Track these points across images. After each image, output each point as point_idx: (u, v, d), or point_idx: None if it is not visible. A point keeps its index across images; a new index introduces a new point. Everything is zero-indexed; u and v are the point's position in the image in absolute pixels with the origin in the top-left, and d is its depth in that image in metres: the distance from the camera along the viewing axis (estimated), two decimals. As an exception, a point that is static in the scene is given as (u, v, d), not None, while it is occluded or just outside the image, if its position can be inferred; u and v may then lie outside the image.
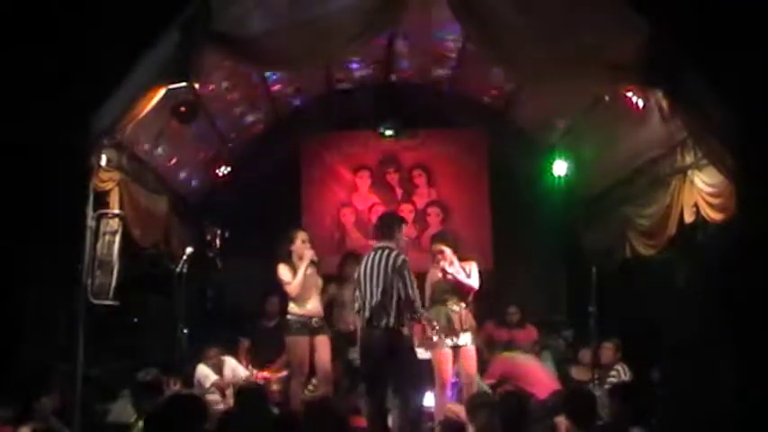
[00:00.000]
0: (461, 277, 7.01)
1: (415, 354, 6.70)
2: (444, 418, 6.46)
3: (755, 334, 5.62)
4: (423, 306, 6.70)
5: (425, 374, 6.87)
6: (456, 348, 7.00)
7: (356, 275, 6.66)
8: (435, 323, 6.80)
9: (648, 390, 7.16)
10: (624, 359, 7.84)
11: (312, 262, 7.33)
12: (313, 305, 7.35)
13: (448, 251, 7.05)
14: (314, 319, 7.30)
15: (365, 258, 6.60)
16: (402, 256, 6.48)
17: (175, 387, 6.97)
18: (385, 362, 6.36)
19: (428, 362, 7.00)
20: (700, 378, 6.57)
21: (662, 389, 7.36)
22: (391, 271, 6.36)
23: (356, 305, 6.65)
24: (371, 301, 6.37)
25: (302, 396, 7.32)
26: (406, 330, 6.48)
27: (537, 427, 6.14)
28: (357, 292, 6.60)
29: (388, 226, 6.76)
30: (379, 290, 6.35)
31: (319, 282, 7.49)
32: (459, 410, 6.51)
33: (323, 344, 7.30)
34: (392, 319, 6.32)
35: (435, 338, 6.81)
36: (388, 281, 6.35)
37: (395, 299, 6.34)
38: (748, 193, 5.74)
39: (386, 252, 6.48)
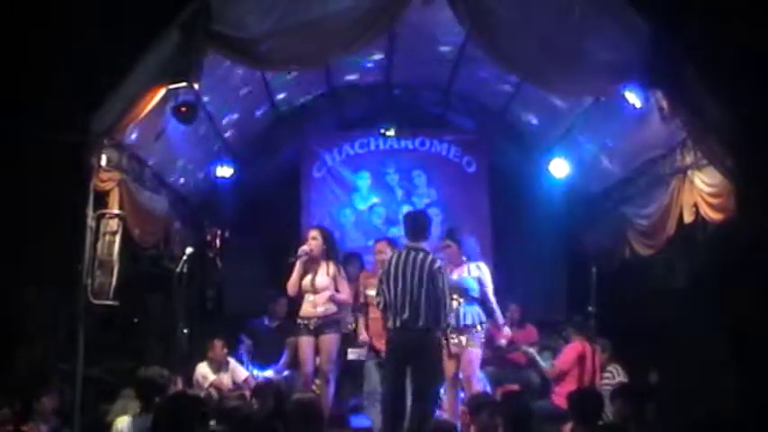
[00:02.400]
0: (487, 299, 7.14)
1: (441, 354, 6.69)
2: (436, 421, 6.47)
3: (755, 334, 5.63)
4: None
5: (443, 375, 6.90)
6: (461, 347, 7.02)
7: (384, 272, 6.56)
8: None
9: (647, 390, 7.16)
10: (620, 360, 7.83)
11: (305, 257, 7.27)
12: (311, 306, 7.28)
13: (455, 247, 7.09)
14: (313, 320, 7.24)
15: (395, 257, 6.53)
16: (438, 263, 6.46)
17: (176, 386, 6.96)
18: (413, 363, 6.34)
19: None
20: (699, 378, 6.57)
21: (661, 389, 7.36)
22: (427, 275, 6.31)
23: (378, 301, 6.59)
24: (406, 302, 6.31)
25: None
26: (435, 332, 6.47)
27: (543, 429, 6.15)
28: (383, 289, 6.49)
29: (421, 227, 6.70)
30: (416, 292, 6.30)
31: (324, 281, 7.33)
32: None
33: (323, 343, 7.23)
34: (427, 322, 6.30)
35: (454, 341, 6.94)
36: (424, 285, 6.31)
37: (430, 303, 6.31)
38: (748, 193, 5.74)
39: (420, 255, 6.42)
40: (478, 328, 7.07)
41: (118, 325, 7.68)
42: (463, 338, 7.00)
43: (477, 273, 7.21)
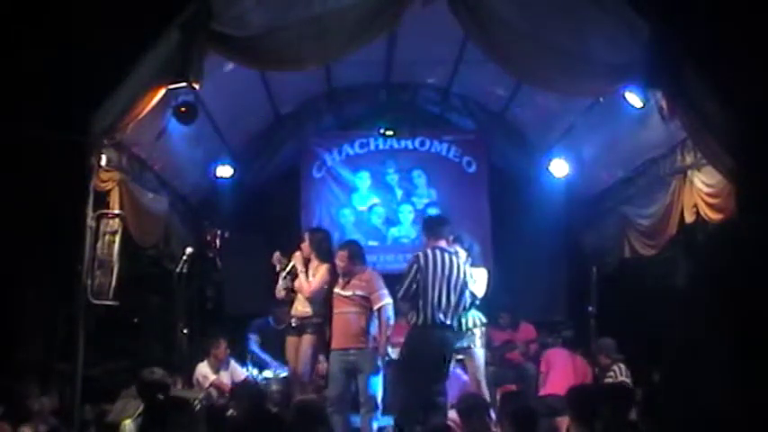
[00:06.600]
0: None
1: None
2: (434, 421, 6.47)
3: (756, 334, 5.61)
4: None
5: None
6: (459, 350, 7.02)
7: (418, 269, 6.52)
8: None
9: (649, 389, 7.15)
10: (623, 359, 7.82)
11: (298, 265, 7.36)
12: (295, 307, 7.40)
13: (463, 253, 7.09)
14: (294, 320, 7.37)
15: (431, 254, 6.55)
16: (467, 263, 6.68)
17: (176, 387, 6.97)
18: (436, 365, 6.43)
19: None
20: (700, 379, 6.56)
21: (662, 389, 7.34)
22: (463, 276, 6.50)
23: (408, 291, 6.54)
24: (443, 300, 6.42)
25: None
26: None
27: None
28: (417, 282, 6.47)
29: (443, 226, 6.89)
30: (456, 292, 6.46)
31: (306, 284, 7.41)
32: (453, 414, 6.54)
33: (302, 343, 7.33)
34: (455, 322, 6.47)
35: None
36: (460, 285, 6.49)
37: (458, 302, 6.50)
38: (748, 193, 5.74)
39: (454, 255, 6.58)
40: (481, 330, 7.13)
41: (118, 325, 7.68)
42: (463, 341, 7.01)
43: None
